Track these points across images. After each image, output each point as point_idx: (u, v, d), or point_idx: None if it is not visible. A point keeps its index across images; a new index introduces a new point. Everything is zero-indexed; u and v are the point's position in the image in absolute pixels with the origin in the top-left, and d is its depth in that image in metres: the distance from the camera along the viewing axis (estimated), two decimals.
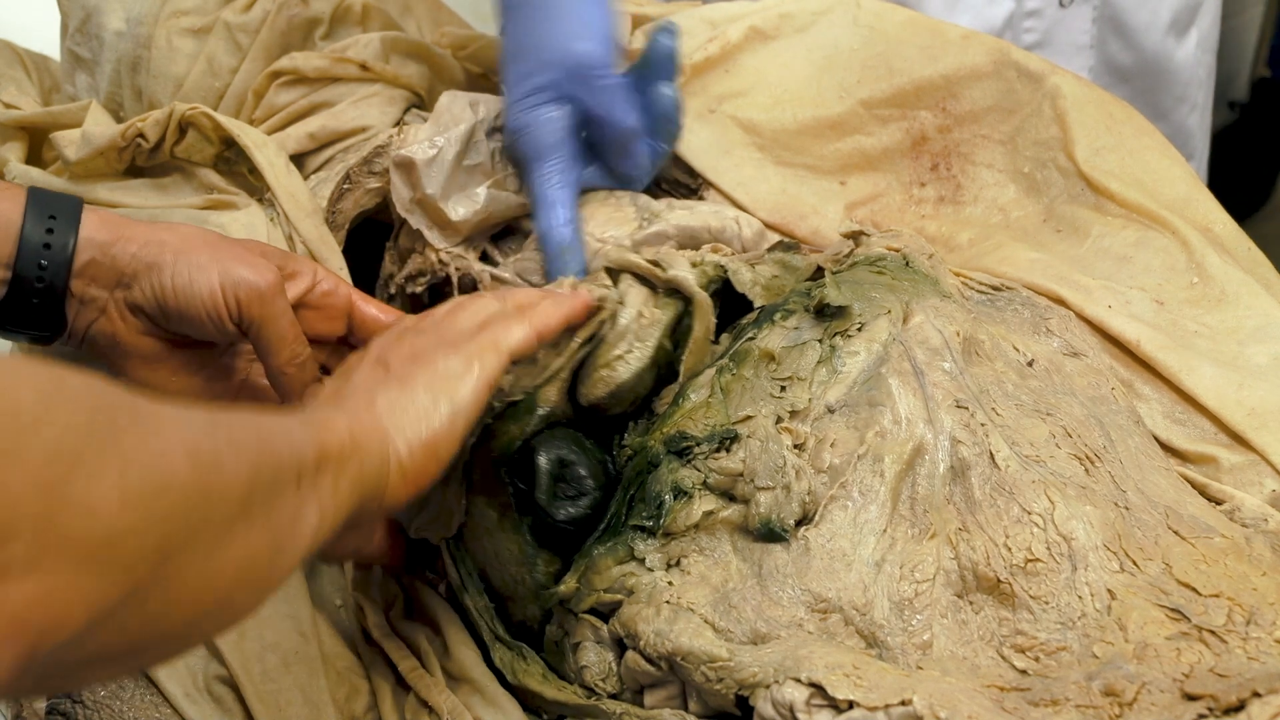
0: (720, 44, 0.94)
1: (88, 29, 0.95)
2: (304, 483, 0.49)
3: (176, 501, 0.40)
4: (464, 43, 0.99)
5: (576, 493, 0.67)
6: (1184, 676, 0.54)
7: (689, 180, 0.91)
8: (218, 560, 0.43)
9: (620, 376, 0.69)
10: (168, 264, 0.69)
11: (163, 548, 0.39)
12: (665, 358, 0.71)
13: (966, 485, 0.63)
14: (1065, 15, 1.19)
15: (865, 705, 0.53)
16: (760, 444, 0.64)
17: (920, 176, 0.90)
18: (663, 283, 0.72)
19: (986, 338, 0.69)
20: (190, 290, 0.69)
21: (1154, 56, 1.23)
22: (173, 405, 0.43)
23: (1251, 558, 0.61)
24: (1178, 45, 1.24)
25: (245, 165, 0.89)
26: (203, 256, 0.69)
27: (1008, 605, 0.59)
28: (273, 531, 0.46)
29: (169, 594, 0.41)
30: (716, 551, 0.64)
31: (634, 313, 0.71)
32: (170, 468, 0.40)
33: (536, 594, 0.67)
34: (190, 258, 0.69)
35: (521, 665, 0.67)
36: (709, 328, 0.71)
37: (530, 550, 0.67)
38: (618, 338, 0.70)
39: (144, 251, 0.70)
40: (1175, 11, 1.23)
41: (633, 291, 0.72)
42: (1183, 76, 1.26)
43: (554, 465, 0.67)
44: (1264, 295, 0.77)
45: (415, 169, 0.83)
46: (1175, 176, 0.83)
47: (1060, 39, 1.20)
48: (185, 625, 0.43)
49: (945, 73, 0.89)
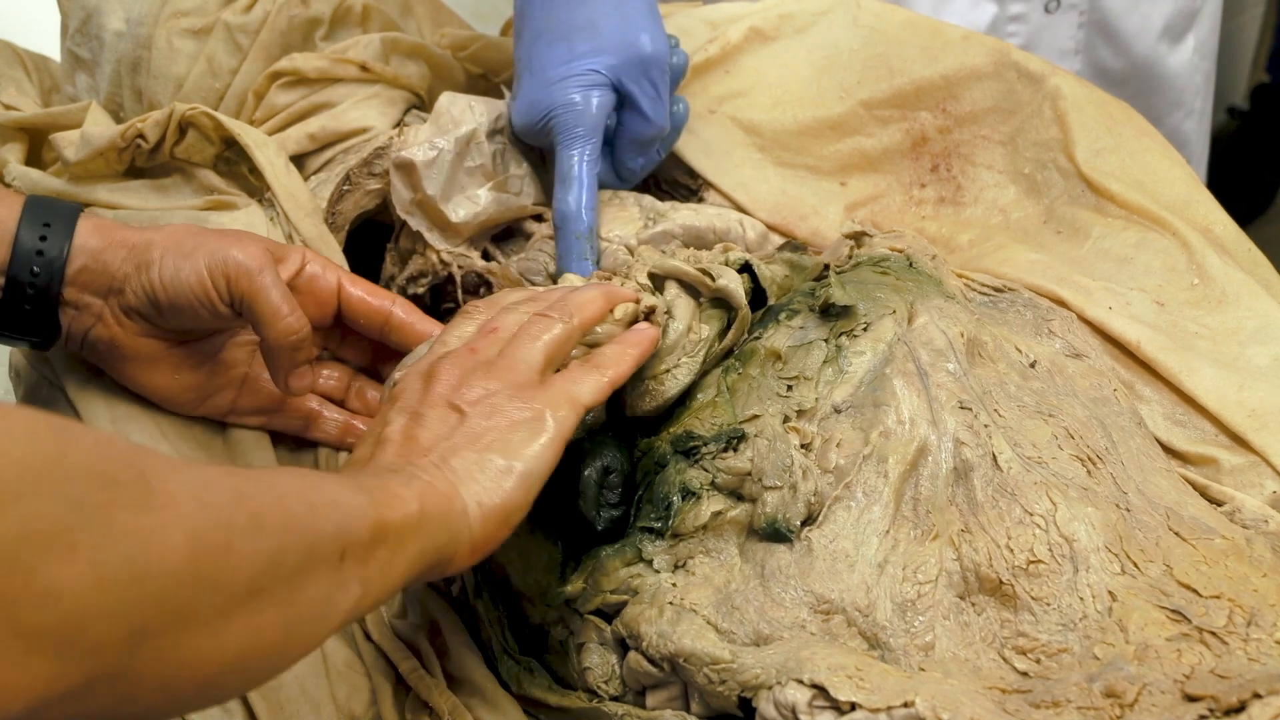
0: (720, 45, 0.94)
1: (88, 29, 0.95)
2: (349, 560, 0.47)
3: (164, 586, 0.38)
4: (464, 43, 0.99)
5: (617, 500, 0.67)
6: (1185, 678, 0.54)
7: (689, 181, 0.91)
8: (210, 643, 0.40)
9: (669, 391, 0.68)
10: (155, 260, 0.69)
11: (140, 632, 0.37)
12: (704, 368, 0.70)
13: (969, 486, 0.63)
14: (1051, 21, 1.18)
15: (868, 707, 0.53)
16: (768, 443, 0.64)
17: (920, 177, 0.90)
18: (711, 292, 0.71)
19: (989, 339, 0.69)
20: (177, 280, 0.69)
21: (1144, 62, 1.23)
22: (200, 473, 0.41)
23: (1252, 559, 0.61)
24: (1171, 51, 1.24)
25: (245, 165, 0.89)
26: (187, 245, 0.69)
27: (1009, 607, 0.60)
28: (293, 611, 0.44)
29: (146, 674, 0.39)
30: (722, 553, 0.64)
31: (683, 327, 0.69)
32: (161, 550, 0.38)
33: (556, 600, 0.67)
34: (176, 249, 0.69)
35: (529, 678, 0.67)
36: (741, 335, 0.71)
37: (560, 557, 0.67)
38: (667, 351, 0.69)
39: (133, 254, 0.70)
40: (1169, 18, 1.22)
41: (680, 303, 0.71)
42: (1177, 83, 1.25)
43: (600, 475, 0.66)
44: (1264, 296, 0.77)
45: (415, 170, 0.83)
46: (1176, 178, 0.83)
47: (1046, 44, 1.19)
48: (170, 701, 0.41)
49: (945, 73, 0.89)
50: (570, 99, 0.81)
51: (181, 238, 0.70)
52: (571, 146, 0.82)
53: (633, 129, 0.84)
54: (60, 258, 0.68)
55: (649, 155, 0.86)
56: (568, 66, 0.81)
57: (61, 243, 0.68)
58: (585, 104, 0.81)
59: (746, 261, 0.74)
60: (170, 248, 0.69)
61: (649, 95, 0.82)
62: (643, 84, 0.82)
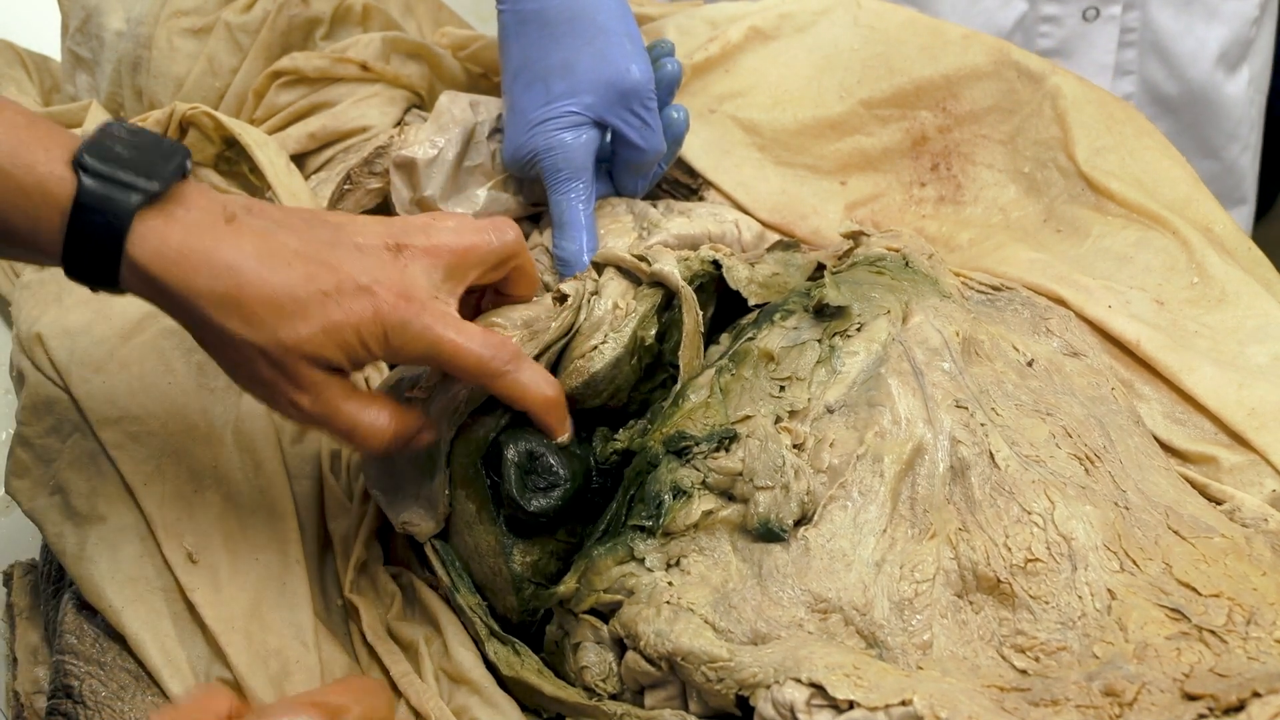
0: (720, 44, 0.94)
1: (88, 29, 0.95)
2: None
3: None
4: (464, 43, 0.99)
5: (548, 484, 0.67)
6: (1184, 676, 0.54)
7: (689, 180, 0.91)
8: None
9: (594, 367, 0.69)
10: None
11: None
12: (648, 351, 0.71)
13: (966, 485, 0.63)
14: (1088, 29, 1.15)
15: (865, 705, 0.53)
16: (759, 443, 0.64)
17: (920, 176, 0.90)
18: (647, 277, 0.72)
19: (986, 338, 0.69)
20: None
21: (1201, 89, 1.19)
22: None
23: (1252, 558, 0.61)
24: (1228, 79, 1.20)
25: (246, 165, 0.89)
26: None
27: (1008, 605, 0.60)
28: None
29: None
30: (716, 551, 0.64)
31: (609, 304, 0.71)
32: None
33: (514, 585, 0.68)
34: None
35: (515, 659, 0.67)
36: (698, 320, 0.72)
37: (507, 541, 0.68)
38: (592, 329, 0.70)
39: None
40: (1224, 44, 1.18)
41: (611, 284, 0.72)
42: (1234, 113, 1.22)
43: (522, 458, 0.67)
44: (1264, 295, 0.77)
45: (416, 169, 0.83)
46: (1176, 177, 0.83)
47: (1081, 53, 1.16)
48: None
49: (945, 73, 0.89)
50: (551, 143, 0.80)
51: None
52: (561, 190, 0.81)
53: (626, 157, 0.83)
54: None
55: (650, 176, 0.86)
56: (546, 109, 0.80)
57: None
58: (568, 147, 0.80)
59: (715, 260, 0.74)
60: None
61: (635, 126, 0.81)
62: (626, 117, 0.81)
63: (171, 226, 0.60)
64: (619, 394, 0.71)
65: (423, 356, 0.64)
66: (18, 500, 0.75)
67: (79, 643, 0.69)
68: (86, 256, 0.60)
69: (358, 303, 0.61)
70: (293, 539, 0.72)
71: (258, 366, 0.62)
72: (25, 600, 0.82)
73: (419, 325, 0.63)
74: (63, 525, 0.72)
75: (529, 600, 0.68)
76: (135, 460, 0.73)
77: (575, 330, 0.70)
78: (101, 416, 0.75)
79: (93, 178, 0.59)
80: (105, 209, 0.59)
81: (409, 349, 0.63)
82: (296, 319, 0.60)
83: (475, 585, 0.70)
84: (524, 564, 0.68)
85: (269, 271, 0.60)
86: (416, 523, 0.71)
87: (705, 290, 0.74)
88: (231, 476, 0.73)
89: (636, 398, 0.72)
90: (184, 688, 0.66)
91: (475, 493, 0.69)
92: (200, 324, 0.62)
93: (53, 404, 0.77)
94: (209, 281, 0.60)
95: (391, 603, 0.72)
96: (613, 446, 0.70)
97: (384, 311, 0.62)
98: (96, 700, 0.67)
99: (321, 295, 0.61)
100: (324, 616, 0.72)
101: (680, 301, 0.71)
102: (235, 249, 0.60)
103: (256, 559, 0.71)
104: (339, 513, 0.75)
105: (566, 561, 0.69)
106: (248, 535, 0.72)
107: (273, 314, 0.60)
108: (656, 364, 0.72)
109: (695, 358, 0.71)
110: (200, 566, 0.70)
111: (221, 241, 0.60)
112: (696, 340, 0.72)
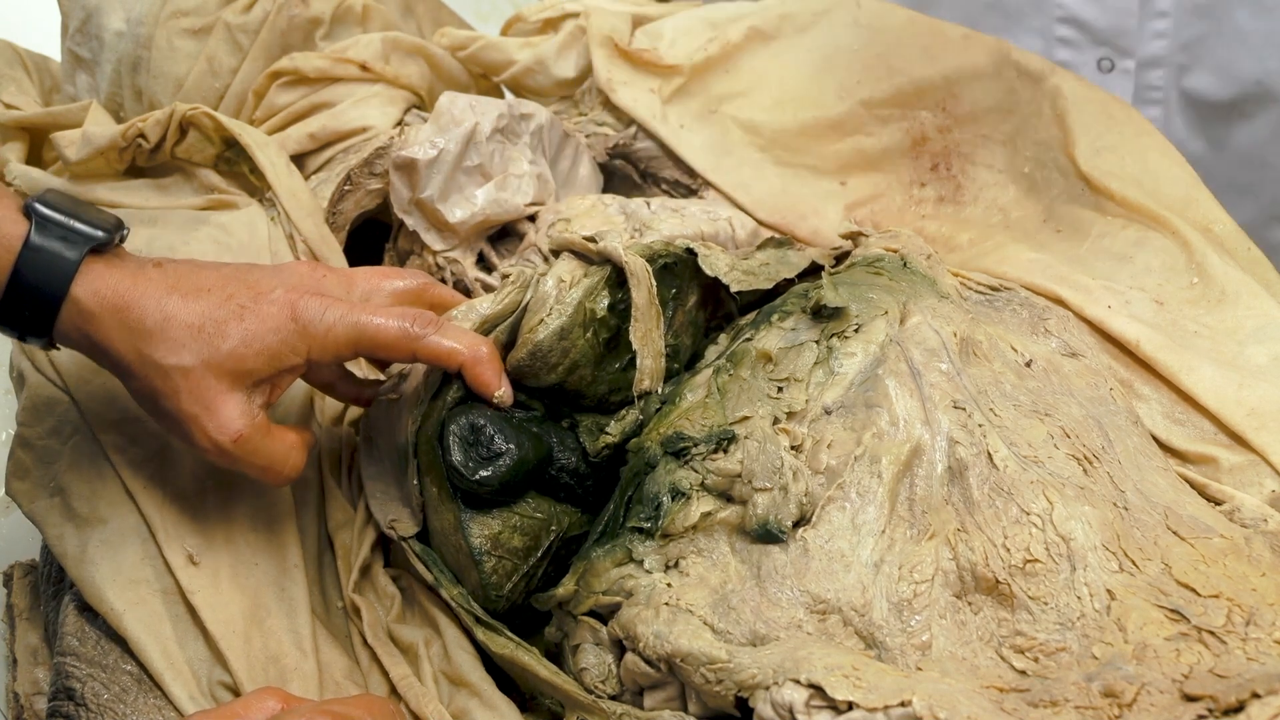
0: (720, 44, 0.94)
1: (88, 29, 0.95)
2: None
3: None
4: (464, 43, 0.99)
5: (491, 454, 0.69)
6: (1183, 677, 0.54)
7: (689, 180, 0.91)
8: None
9: (538, 337, 0.71)
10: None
11: None
12: (603, 325, 0.72)
13: (965, 486, 0.63)
14: (1105, 80, 1.10)
15: (865, 706, 0.53)
16: (758, 445, 0.64)
17: (920, 177, 0.90)
18: (596, 255, 0.74)
19: (984, 338, 0.69)
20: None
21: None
22: None
23: (1251, 558, 0.61)
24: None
25: (246, 165, 0.89)
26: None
27: (1007, 606, 0.60)
28: None
29: None
30: (715, 553, 0.64)
31: (554, 280, 0.73)
32: None
33: (474, 559, 0.69)
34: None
35: (501, 640, 0.67)
36: (651, 294, 0.72)
37: (464, 516, 0.69)
38: (539, 304, 0.72)
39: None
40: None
41: (560, 264, 0.74)
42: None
43: (464, 430, 0.69)
44: (1264, 295, 0.77)
45: (416, 169, 0.83)
46: (1175, 176, 0.83)
47: None
48: None
49: (945, 73, 0.89)
50: None
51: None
52: None
53: None
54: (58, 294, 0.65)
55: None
56: None
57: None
58: None
59: (689, 247, 0.75)
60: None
61: None
62: None
63: (111, 270, 0.66)
64: (578, 369, 0.72)
65: (349, 342, 0.67)
66: (18, 502, 0.75)
67: (80, 645, 0.69)
68: (29, 298, 0.65)
69: (273, 306, 0.66)
70: (292, 542, 0.72)
71: (181, 401, 0.65)
72: (25, 601, 0.82)
73: (335, 314, 0.67)
74: (63, 527, 0.72)
75: (491, 574, 0.69)
76: (136, 462, 0.73)
77: (524, 308, 0.72)
78: (102, 418, 0.75)
79: (44, 222, 0.65)
80: (54, 251, 0.64)
81: (332, 338, 0.67)
82: (216, 338, 0.65)
83: (455, 576, 0.71)
84: (482, 537, 0.69)
85: (192, 300, 0.66)
86: (401, 521, 0.72)
87: (674, 273, 0.74)
88: (231, 478, 0.73)
89: (604, 378, 0.73)
90: (185, 691, 0.66)
91: (436, 475, 0.70)
92: (130, 360, 0.66)
93: (53, 405, 0.77)
94: (140, 316, 0.65)
95: (392, 605, 0.72)
96: (605, 440, 0.70)
97: (299, 307, 0.66)
98: (99, 703, 0.67)
99: (239, 309, 0.66)
100: (324, 618, 0.72)
101: (629, 276, 0.72)
102: (163, 288, 0.66)
103: (256, 564, 0.71)
104: (341, 515, 0.75)
105: (534, 537, 0.70)
106: (248, 538, 0.72)
107: (194, 337, 0.65)
108: (620, 342, 0.73)
109: (653, 332, 0.72)
110: (201, 568, 0.70)
111: (152, 283, 0.66)
112: (651, 315, 0.72)
